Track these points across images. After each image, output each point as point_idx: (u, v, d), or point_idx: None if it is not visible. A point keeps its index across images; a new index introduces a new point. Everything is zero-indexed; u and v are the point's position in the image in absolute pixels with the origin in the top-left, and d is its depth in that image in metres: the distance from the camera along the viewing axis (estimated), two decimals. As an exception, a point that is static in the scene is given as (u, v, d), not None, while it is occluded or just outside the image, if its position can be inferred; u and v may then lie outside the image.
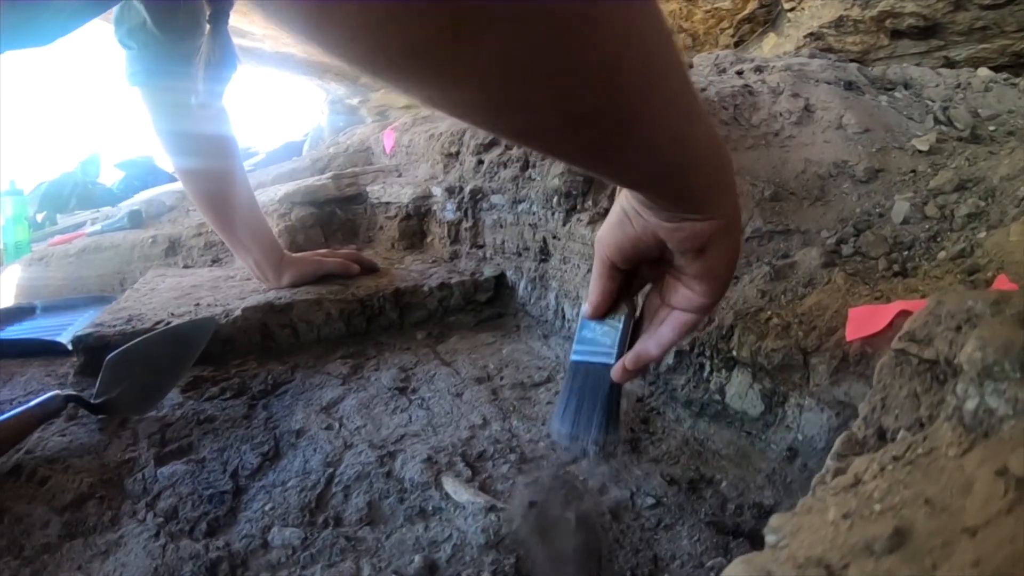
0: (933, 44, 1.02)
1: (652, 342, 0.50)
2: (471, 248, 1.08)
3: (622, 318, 0.52)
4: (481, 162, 1.03)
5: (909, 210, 0.58)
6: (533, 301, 0.94)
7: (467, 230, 1.08)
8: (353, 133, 1.64)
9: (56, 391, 0.56)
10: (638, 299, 0.54)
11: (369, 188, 1.28)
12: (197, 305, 0.85)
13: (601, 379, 0.52)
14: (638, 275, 0.52)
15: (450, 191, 1.10)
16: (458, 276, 0.99)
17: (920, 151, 0.65)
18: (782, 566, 0.20)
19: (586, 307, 0.52)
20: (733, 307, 0.62)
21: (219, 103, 0.80)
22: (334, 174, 1.31)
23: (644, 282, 0.53)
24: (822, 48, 1.06)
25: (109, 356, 0.62)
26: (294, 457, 0.60)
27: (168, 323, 0.74)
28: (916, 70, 0.79)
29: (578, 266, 0.82)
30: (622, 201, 0.45)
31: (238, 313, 0.81)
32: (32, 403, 0.53)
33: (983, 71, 0.77)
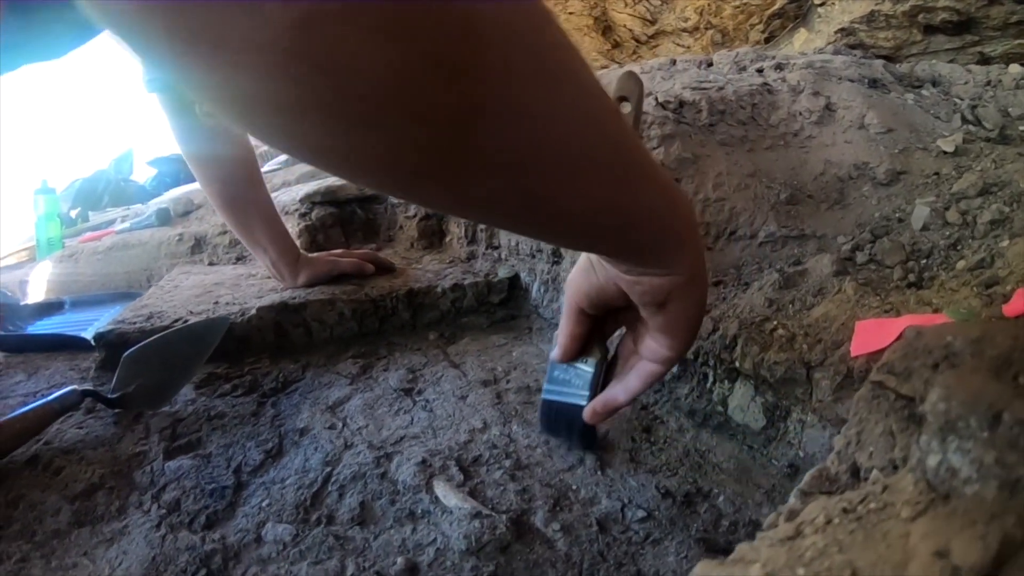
0: (967, 40, 0.96)
1: (620, 388, 0.51)
2: (487, 249, 1.09)
3: (594, 363, 0.54)
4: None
5: (929, 215, 0.56)
6: (546, 303, 0.95)
7: (483, 230, 1.10)
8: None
9: (74, 386, 0.60)
10: (611, 344, 0.56)
11: (390, 187, 1.31)
12: (216, 303, 0.89)
13: (574, 417, 0.55)
14: (611, 320, 0.53)
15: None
16: (472, 277, 1.01)
17: (945, 152, 0.62)
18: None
19: (555, 351, 0.54)
20: (739, 316, 0.61)
21: None
22: (356, 173, 1.34)
23: (617, 326, 0.54)
24: (853, 44, 1.02)
25: (126, 353, 0.66)
26: (296, 455, 0.63)
27: (185, 321, 0.78)
28: (945, 67, 0.75)
29: (588, 269, 0.83)
30: None
31: (253, 312, 0.85)
32: (51, 397, 0.57)
33: (1015, 67, 0.72)
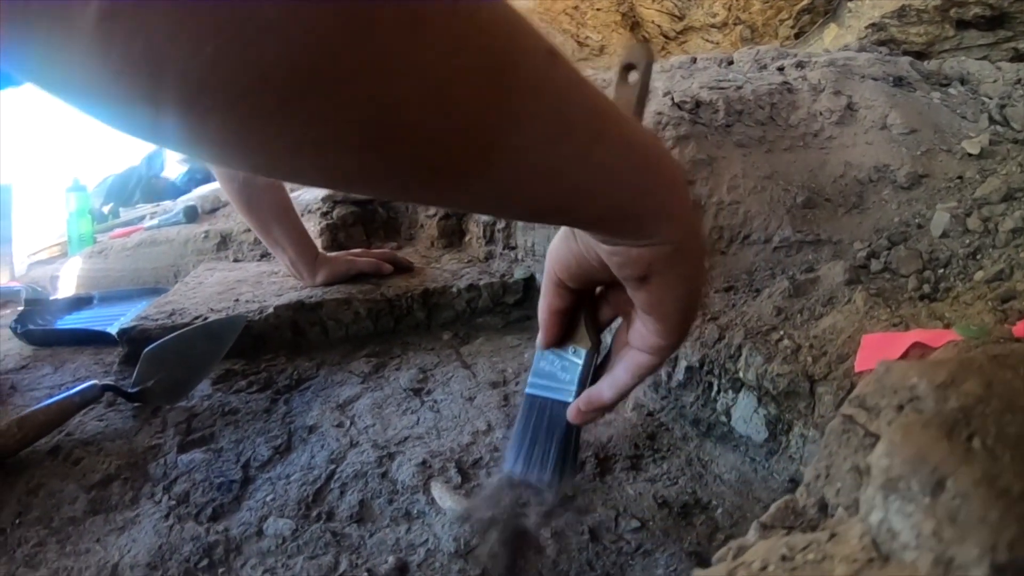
0: (1001, 35, 0.91)
1: (607, 383, 0.45)
2: (504, 249, 1.11)
3: (584, 353, 0.47)
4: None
5: (949, 222, 0.55)
6: (560, 306, 0.96)
7: (500, 231, 1.11)
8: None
9: (94, 381, 0.64)
10: (607, 336, 0.50)
11: (411, 186, 1.34)
12: (236, 301, 0.93)
13: (557, 417, 0.48)
14: (605, 305, 0.47)
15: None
16: (488, 277, 1.02)
17: (970, 154, 0.60)
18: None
19: (539, 335, 0.48)
20: (745, 324, 0.60)
21: None
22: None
23: (613, 313, 0.48)
24: (884, 39, 0.98)
25: (147, 348, 0.71)
26: (303, 452, 0.66)
27: (205, 318, 0.82)
28: (974, 64, 0.72)
29: (599, 272, 0.83)
30: None
31: (270, 311, 0.88)
32: (73, 390, 0.62)
33: (1047, 65, 0.69)
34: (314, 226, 1.22)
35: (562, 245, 0.41)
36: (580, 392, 0.47)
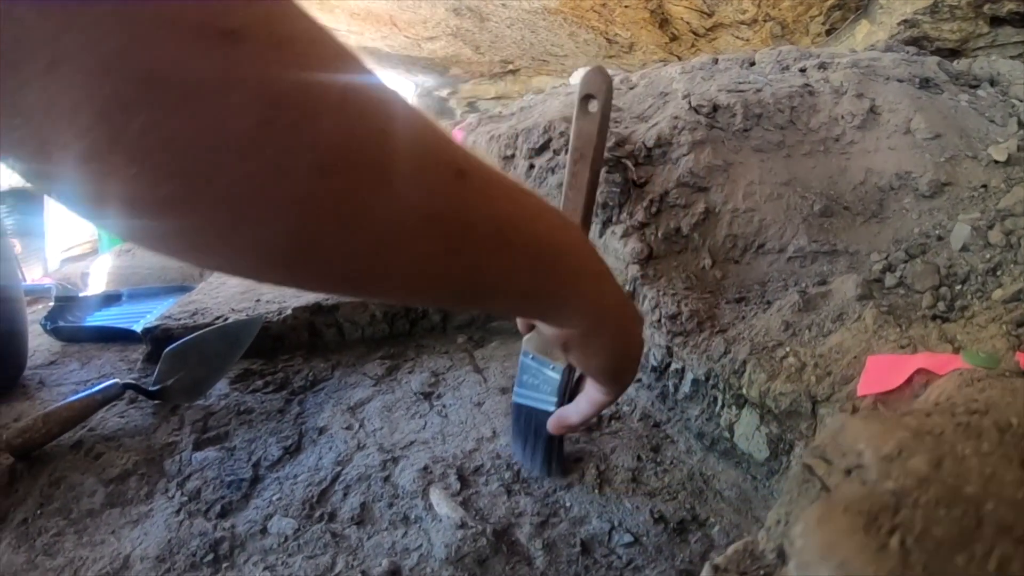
0: None
1: (573, 409, 0.51)
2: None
3: (561, 369, 0.54)
4: (532, 166, 1.06)
5: (970, 235, 0.53)
6: (574, 311, 0.96)
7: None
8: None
9: (116, 379, 0.69)
10: None
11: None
12: (257, 301, 0.97)
13: (541, 424, 0.56)
14: None
15: (505, 193, 1.14)
16: (504, 281, 1.03)
17: (996, 161, 0.58)
18: None
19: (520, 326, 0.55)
20: (752, 338, 0.60)
21: None
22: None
23: None
24: (917, 36, 0.94)
25: (167, 348, 0.75)
26: (311, 453, 0.69)
27: (226, 319, 0.86)
28: (1006, 64, 0.68)
29: (611, 280, 0.83)
30: None
31: (288, 312, 0.92)
32: (95, 388, 0.66)
33: (1081, 69, 0.65)
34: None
35: None
36: (559, 403, 0.55)
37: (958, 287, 0.52)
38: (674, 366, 0.68)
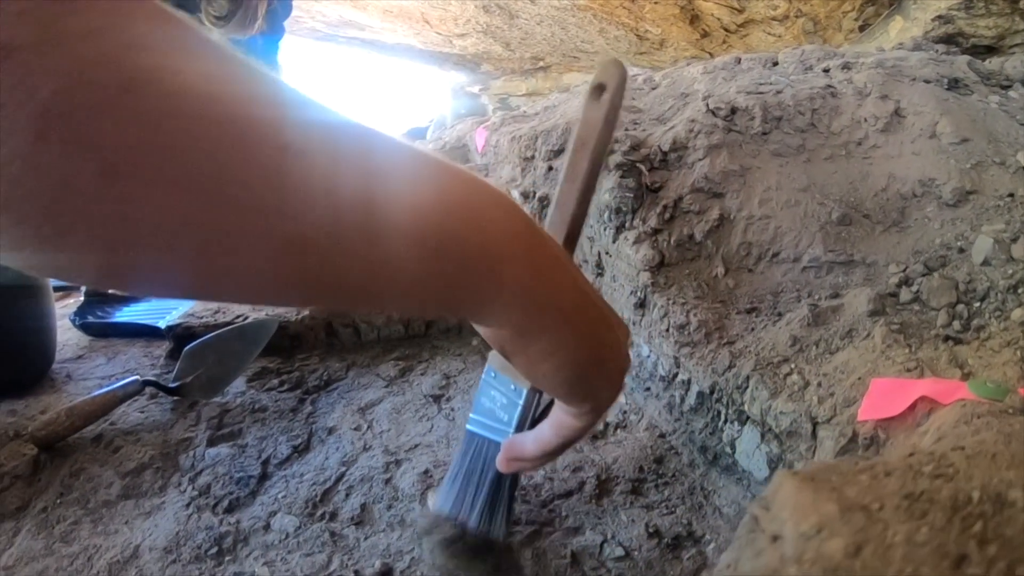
0: None
1: (531, 437, 0.42)
2: (540, 254, 1.12)
3: (524, 393, 0.45)
4: (551, 168, 1.07)
5: (992, 248, 0.51)
6: (589, 316, 0.96)
7: (537, 236, 1.12)
8: (452, 129, 1.76)
9: (137, 376, 0.73)
10: None
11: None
12: (278, 300, 1.01)
13: (492, 460, 0.46)
14: None
15: (525, 195, 1.15)
16: (520, 284, 1.04)
17: (1024, 171, 0.55)
18: None
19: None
20: (757, 353, 0.59)
21: (274, 66, 0.90)
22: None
23: None
24: (952, 33, 0.89)
25: (187, 346, 0.78)
26: (319, 452, 0.71)
27: (245, 318, 0.90)
28: None
29: (623, 286, 0.83)
30: None
31: (305, 312, 0.95)
32: (117, 384, 0.70)
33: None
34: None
35: None
36: (516, 432, 0.45)
37: (976, 304, 0.50)
38: (681, 377, 0.68)
